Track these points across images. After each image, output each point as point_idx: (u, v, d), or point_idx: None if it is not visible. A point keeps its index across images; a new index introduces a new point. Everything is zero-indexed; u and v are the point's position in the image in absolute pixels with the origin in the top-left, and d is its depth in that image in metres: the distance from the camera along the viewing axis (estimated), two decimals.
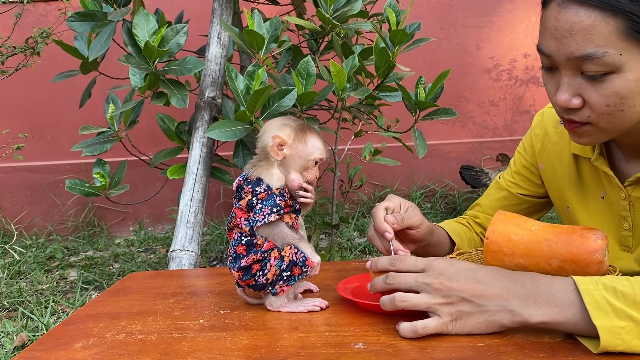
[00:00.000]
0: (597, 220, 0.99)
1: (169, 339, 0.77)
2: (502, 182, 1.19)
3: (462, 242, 1.15)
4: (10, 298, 2.53)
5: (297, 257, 0.84)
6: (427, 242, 1.05)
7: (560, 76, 0.81)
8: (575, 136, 0.86)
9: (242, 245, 0.84)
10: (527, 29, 3.91)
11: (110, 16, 1.92)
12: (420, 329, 0.72)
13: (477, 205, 1.24)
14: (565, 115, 0.83)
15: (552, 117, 1.09)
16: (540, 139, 1.10)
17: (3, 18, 2.91)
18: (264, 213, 0.81)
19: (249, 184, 0.84)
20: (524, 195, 1.16)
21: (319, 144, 0.87)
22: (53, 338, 0.81)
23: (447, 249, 1.12)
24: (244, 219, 0.84)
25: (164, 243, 3.43)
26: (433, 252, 1.08)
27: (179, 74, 1.89)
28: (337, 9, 1.89)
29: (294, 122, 0.87)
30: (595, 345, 0.66)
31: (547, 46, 0.80)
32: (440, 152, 3.85)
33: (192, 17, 2.54)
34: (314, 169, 0.87)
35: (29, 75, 3.17)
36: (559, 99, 0.81)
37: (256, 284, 0.85)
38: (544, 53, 0.82)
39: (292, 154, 0.85)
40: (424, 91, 1.88)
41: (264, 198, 0.82)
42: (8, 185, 3.65)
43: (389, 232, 0.92)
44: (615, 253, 0.96)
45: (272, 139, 0.84)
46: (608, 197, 0.97)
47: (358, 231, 3.45)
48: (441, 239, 1.11)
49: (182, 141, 2.12)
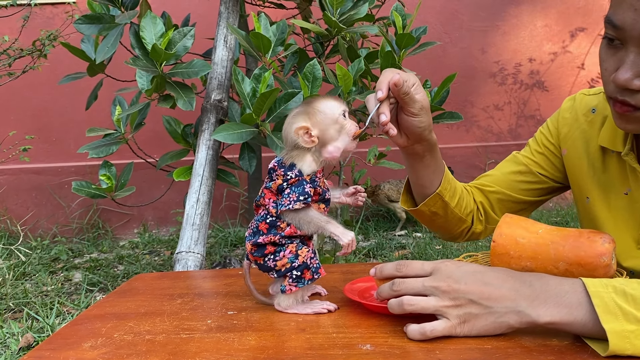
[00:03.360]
0: (617, 216, 0.97)
1: (176, 340, 0.77)
2: (520, 157, 1.14)
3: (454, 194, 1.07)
4: (16, 299, 2.54)
5: (311, 262, 0.84)
6: (422, 152, 0.99)
7: (626, 53, 0.77)
8: (622, 121, 0.82)
9: (265, 224, 0.84)
10: (532, 33, 3.91)
11: (118, 19, 1.94)
12: (428, 331, 0.71)
13: (486, 176, 1.18)
14: (620, 96, 0.79)
15: (584, 104, 1.05)
16: (568, 124, 1.06)
17: (10, 20, 2.93)
18: (291, 199, 0.81)
19: (282, 168, 0.83)
20: (542, 175, 1.11)
21: (331, 100, 0.85)
22: (61, 338, 0.81)
23: (435, 185, 1.04)
24: (272, 201, 0.84)
25: (168, 245, 3.44)
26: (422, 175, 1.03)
27: (185, 76, 1.90)
28: (344, 12, 1.90)
29: (300, 107, 0.86)
30: (604, 348, 0.66)
31: (621, 17, 0.75)
32: (444, 156, 3.80)
33: (199, 20, 2.56)
34: (348, 121, 0.85)
35: (36, 78, 3.18)
36: (620, 77, 0.76)
37: (263, 264, 0.85)
38: (615, 25, 0.76)
39: (321, 129, 0.83)
40: (430, 95, 1.88)
41: (294, 183, 0.82)
42: (14, 186, 3.67)
43: (382, 90, 0.86)
44: (631, 251, 0.95)
45: (296, 134, 0.83)
46: (632, 194, 0.94)
47: (362, 234, 3.45)
48: (437, 169, 1.04)
49: (188, 144, 2.12)
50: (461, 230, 1.14)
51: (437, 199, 1.05)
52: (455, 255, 2.93)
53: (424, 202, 1.06)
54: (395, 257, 3.03)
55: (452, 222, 1.11)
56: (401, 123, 0.94)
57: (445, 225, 1.12)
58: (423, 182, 1.05)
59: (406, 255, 3.06)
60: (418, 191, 1.08)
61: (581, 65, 3.96)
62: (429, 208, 1.07)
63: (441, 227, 1.13)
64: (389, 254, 3.09)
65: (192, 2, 3.36)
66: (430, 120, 0.94)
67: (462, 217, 1.11)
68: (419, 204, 1.08)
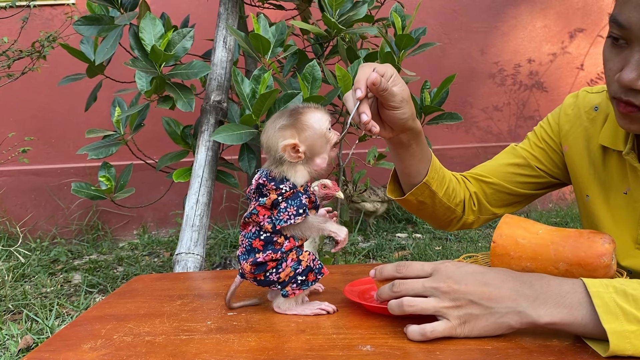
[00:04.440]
0: (616, 215, 0.97)
1: (176, 341, 0.77)
2: (519, 150, 1.12)
3: (442, 183, 1.06)
4: (15, 301, 2.54)
5: (314, 264, 0.83)
6: (407, 141, 0.97)
7: (631, 53, 0.76)
8: (626, 121, 0.82)
9: (259, 240, 0.82)
10: (531, 34, 3.92)
11: (117, 20, 1.94)
12: (428, 332, 0.71)
13: (482, 166, 1.16)
14: (624, 97, 0.78)
15: (587, 102, 1.04)
16: (570, 120, 1.06)
17: (10, 22, 2.93)
18: (290, 213, 0.80)
19: (272, 181, 0.81)
20: (540, 169, 1.10)
21: (318, 113, 0.83)
22: (61, 339, 0.81)
23: (422, 174, 1.03)
24: (267, 217, 0.82)
25: (167, 247, 3.43)
26: (408, 164, 1.01)
27: (185, 77, 1.90)
28: (343, 13, 1.90)
29: (286, 118, 0.83)
30: (604, 348, 0.65)
31: (627, 17, 0.74)
32: (444, 157, 3.83)
33: (198, 22, 2.56)
34: (332, 132, 0.84)
35: (35, 79, 3.18)
36: (624, 76, 0.76)
37: (265, 279, 0.84)
38: (620, 24, 0.75)
39: (309, 144, 0.82)
40: (430, 96, 1.88)
41: (289, 197, 0.81)
42: (13, 188, 3.67)
43: (360, 89, 0.83)
44: (629, 250, 0.95)
45: (284, 151, 0.81)
46: (631, 193, 0.94)
47: (362, 235, 3.45)
48: (424, 157, 1.02)
49: (187, 145, 2.12)
50: (450, 219, 1.14)
51: (425, 188, 1.04)
52: (455, 256, 2.93)
53: (410, 192, 1.05)
54: (395, 257, 3.03)
55: (440, 211, 1.10)
56: (383, 117, 0.93)
57: (434, 214, 1.11)
58: (410, 172, 1.03)
59: (406, 256, 3.06)
60: (405, 180, 1.06)
61: (580, 65, 3.97)
62: (416, 197, 1.06)
63: (430, 216, 1.12)
64: (388, 254, 3.08)
65: (192, 3, 3.36)
66: (412, 109, 0.92)
67: (451, 206, 1.10)
68: (406, 193, 1.07)
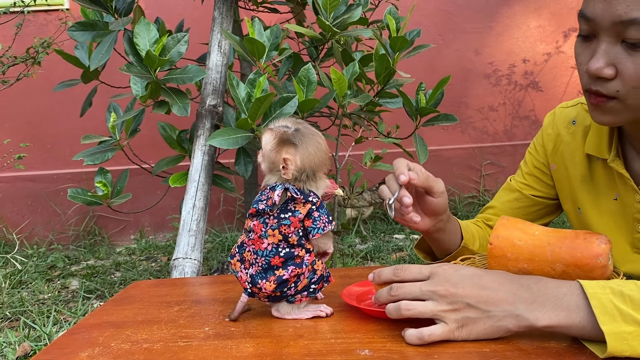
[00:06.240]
0: (609, 222, 0.98)
1: (174, 348, 0.77)
2: (513, 184, 1.16)
3: (474, 239, 1.10)
4: (12, 308, 2.53)
5: (325, 272, 0.84)
6: (443, 225, 1.01)
7: (597, 44, 0.80)
8: (597, 113, 0.84)
9: (279, 257, 0.79)
10: (525, 34, 3.93)
11: (112, 26, 1.93)
12: (426, 336, 0.71)
13: (489, 208, 1.20)
14: (593, 87, 0.81)
15: (564, 117, 1.07)
16: (552, 139, 1.08)
17: (4, 28, 2.92)
18: (323, 221, 0.80)
19: (300, 193, 0.80)
20: (536, 196, 1.13)
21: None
22: (58, 347, 0.80)
23: (458, 243, 1.07)
24: (297, 229, 0.80)
25: (165, 251, 3.43)
26: (445, 241, 1.04)
27: (180, 82, 1.89)
28: (337, 16, 1.90)
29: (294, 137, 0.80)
30: (602, 349, 0.66)
31: (592, 9, 0.79)
32: (440, 158, 3.85)
33: (193, 26, 2.55)
34: None
35: (30, 85, 3.18)
36: (591, 66, 0.79)
37: (281, 295, 0.82)
38: (586, 17, 0.80)
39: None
40: (425, 97, 1.88)
41: (319, 206, 0.81)
42: (9, 194, 3.66)
43: (404, 174, 0.88)
44: (627, 255, 0.95)
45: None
46: (621, 199, 0.95)
47: (360, 238, 3.45)
48: (456, 228, 1.06)
49: (183, 149, 2.12)
50: None
51: (464, 251, 1.07)
52: None
53: (450, 255, 1.08)
54: (392, 259, 3.03)
55: None
56: (423, 208, 0.97)
57: None
58: (448, 247, 1.06)
59: (404, 257, 3.06)
60: (441, 252, 1.09)
61: (575, 65, 3.98)
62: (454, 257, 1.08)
63: None
64: (386, 256, 3.09)
65: (186, 7, 3.35)
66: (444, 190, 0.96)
67: None
68: (441, 258, 1.10)
